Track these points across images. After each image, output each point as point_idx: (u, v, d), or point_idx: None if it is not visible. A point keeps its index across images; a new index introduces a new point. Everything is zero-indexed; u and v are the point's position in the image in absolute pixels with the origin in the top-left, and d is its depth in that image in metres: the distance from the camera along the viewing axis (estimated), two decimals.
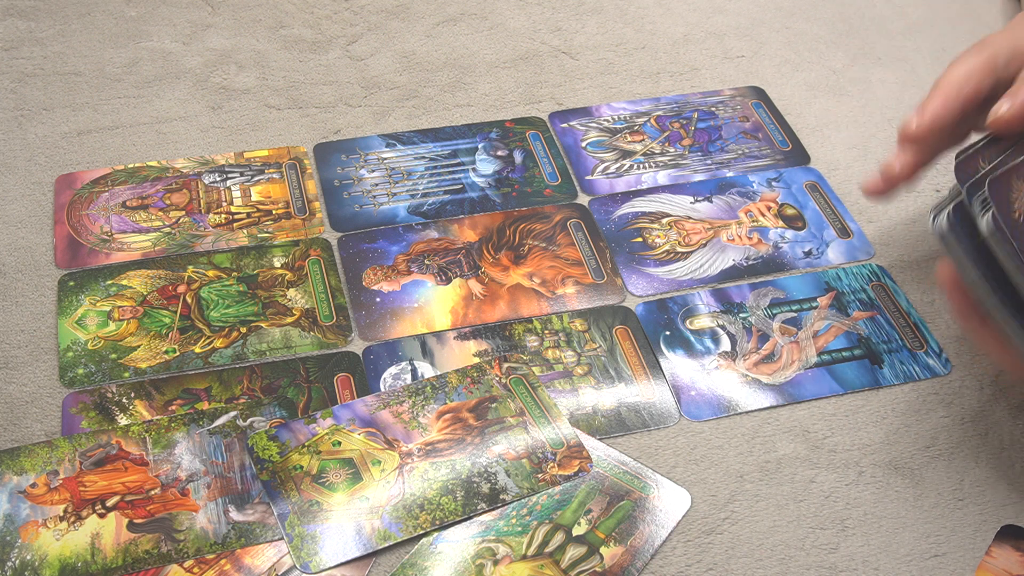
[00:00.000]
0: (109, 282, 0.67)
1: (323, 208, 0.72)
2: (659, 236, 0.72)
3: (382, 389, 0.62)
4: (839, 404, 0.63)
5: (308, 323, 0.65)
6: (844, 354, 0.66)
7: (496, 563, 0.55)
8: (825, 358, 0.65)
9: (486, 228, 0.72)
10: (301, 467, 0.58)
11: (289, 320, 0.66)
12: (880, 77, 0.85)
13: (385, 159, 0.76)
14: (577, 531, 0.56)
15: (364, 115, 0.80)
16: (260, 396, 0.62)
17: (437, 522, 0.56)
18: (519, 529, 0.56)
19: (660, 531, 0.57)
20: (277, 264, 0.69)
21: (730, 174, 0.77)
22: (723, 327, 0.67)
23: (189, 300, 0.66)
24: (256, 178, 0.74)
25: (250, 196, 0.73)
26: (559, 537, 0.56)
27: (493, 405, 0.62)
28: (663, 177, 0.76)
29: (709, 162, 0.78)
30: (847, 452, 0.61)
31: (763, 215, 0.74)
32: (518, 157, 0.77)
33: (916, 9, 0.92)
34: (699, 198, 0.75)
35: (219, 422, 0.60)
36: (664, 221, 0.73)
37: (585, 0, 0.91)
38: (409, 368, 0.64)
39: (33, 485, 0.57)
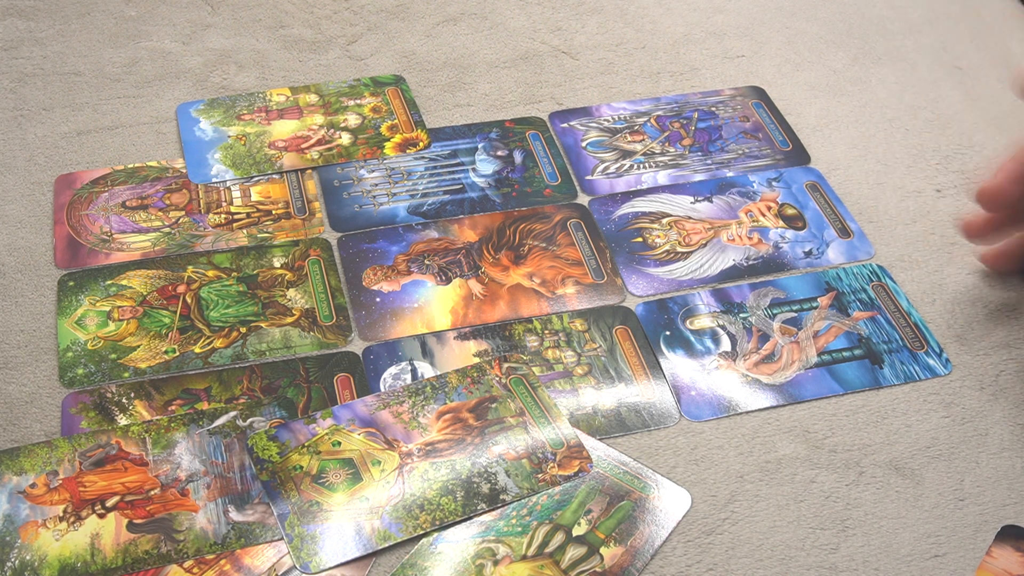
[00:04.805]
0: (109, 282, 0.67)
1: (323, 208, 0.72)
2: (659, 236, 0.72)
3: (382, 389, 0.62)
4: (839, 404, 0.63)
5: (308, 323, 0.65)
6: (844, 354, 0.66)
7: (496, 563, 0.55)
8: (825, 358, 0.65)
9: (486, 228, 0.72)
10: (301, 467, 0.58)
11: (289, 320, 0.66)
12: (880, 77, 0.85)
13: (385, 159, 0.76)
14: (577, 531, 0.56)
15: None
16: (260, 396, 0.61)
17: (437, 522, 0.56)
18: (519, 529, 0.56)
19: (660, 531, 0.57)
20: (277, 264, 0.69)
21: (730, 174, 0.77)
22: (723, 327, 0.67)
23: (189, 300, 0.66)
24: (256, 178, 0.74)
25: (250, 196, 0.73)
26: (559, 537, 0.56)
27: (493, 405, 0.61)
28: (663, 177, 0.76)
29: (709, 162, 0.77)
30: (847, 452, 0.61)
31: (763, 215, 0.74)
32: (518, 157, 0.77)
33: (916, 9, 0.92)
34: (699, 198, 0.75)
35: (219, 422, 0.60)
36: (664, 221, 0.73)
37: (585, 0, 0.91)
38: (409, 368, 0.64)
39: (33, 485, 0.57)
